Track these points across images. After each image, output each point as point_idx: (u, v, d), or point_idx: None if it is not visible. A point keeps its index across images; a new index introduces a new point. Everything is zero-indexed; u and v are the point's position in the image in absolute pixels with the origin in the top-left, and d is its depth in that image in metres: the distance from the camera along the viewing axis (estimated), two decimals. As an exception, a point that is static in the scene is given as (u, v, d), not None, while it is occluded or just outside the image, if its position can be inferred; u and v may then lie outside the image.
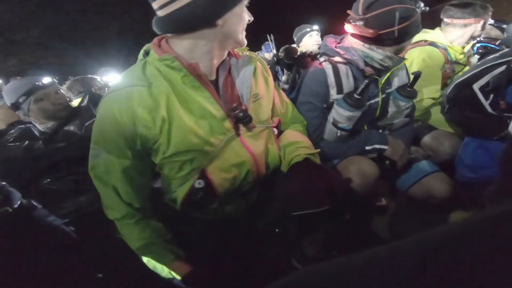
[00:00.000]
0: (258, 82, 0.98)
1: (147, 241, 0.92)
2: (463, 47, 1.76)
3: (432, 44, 1.71)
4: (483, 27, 1.70)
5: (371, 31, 1.09)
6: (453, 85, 1.45)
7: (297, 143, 1.04)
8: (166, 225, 0.99)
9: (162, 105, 0.81)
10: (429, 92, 1.64)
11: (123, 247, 0.95)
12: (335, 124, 1.16)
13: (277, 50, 2.20)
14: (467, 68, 1.74)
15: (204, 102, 0.85)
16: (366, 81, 1.08)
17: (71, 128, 1.49)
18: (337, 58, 1.18)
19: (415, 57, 1.66)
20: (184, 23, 0.80)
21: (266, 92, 1.00)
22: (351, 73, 1.17)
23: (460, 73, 1.71)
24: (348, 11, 1.17)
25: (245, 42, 0.89)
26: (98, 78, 2.75)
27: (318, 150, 1.05)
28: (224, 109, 0.88)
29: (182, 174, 0.91)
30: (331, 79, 1.16)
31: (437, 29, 1.79)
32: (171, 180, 0.94)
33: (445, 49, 1.71)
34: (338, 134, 1.18)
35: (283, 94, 1.14)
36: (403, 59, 1.23)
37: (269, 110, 1.01)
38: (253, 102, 0.94)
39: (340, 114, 1.13)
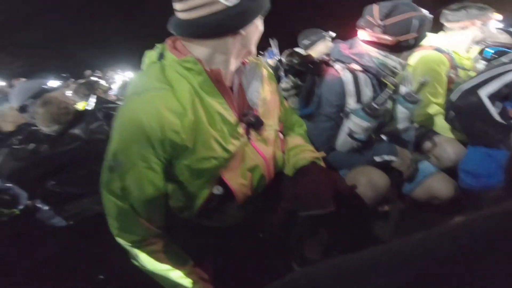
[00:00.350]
0: (265, 87, 0.98)
1: (169, 270, 0.84)
2: (468, 51, 1.74)
3: (437, 49, 1.67)
4: (483, 30, 1.66)
5: (390, 38, 1.07)
6: (459, 91, 1.41)
7: (301, 146, 1.05)
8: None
9: (188, 109, 0.77)
10: (433, 97, 1.62)
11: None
12: (351, 135, 1.14)
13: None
14: (472, 73, 1.71)
15: (220, 108, 0.83)
16: (389, 91, 1.06)
17: (76, 131, 1.46)
18: (354, 66, 1.15)
19: (420, 62, 1.63)
20: (210, 30, 0.77)
21: (272, 97, 1.00)
22: (369, 81, 1.14)
23: (466, 79, 1.69)
24: (368, 18, 1.13)
25: (255, 51, 0.90)
26: (103, 81, 2.74)
27: (323, 154, 1.06)
28: (237, 114, 0.87)
29: (201, 181, 0.88)
30: (350, 87, 1.13)
31: (441, 33, 1.77)
32: (188, 187, 0.90)
33: (450, 54, 1.68)
34: (354, 146, 1.16)
35: (283, 98, 1.13)
36: (406, 65, 1.21)
37: (276, 114, 1.02)
38: (262, 107, 0.94)
39: (357, 125, 1.11)
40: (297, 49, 2.81)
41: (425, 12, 1.09)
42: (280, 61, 2.17)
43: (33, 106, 1.43)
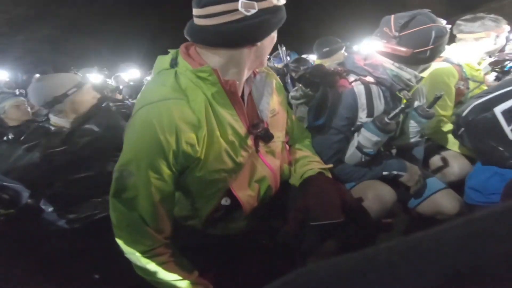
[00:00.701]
0: (274, 97, 0.95)
1: (174, 281, 0.81)
2: (479, 63, 1.69)
3: (446, 60, 1.62)
4: (496, 41, 1.61)
5: (405, 49, 1.02)
6: (471, 106, 1.33)
7: (308, 157, 1.02)
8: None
9: (202, 120, 0.75)
10: (441, 110, 1.57)
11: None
12: (360, 148, 1.09)
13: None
14: (483, 86, 1.66)
15: (231, 120, 0.81)
16: (402, 106, 1.01)
17: (91, 126, 1.41)
18: (368, 78, 1.10)
19: (428, 73, 1.57)
20: (228, 39, 0.73)
21: (281, 108, 0.98)
22: (382, 94, 1.09)
23: (476, 91, 1.64)
24: (385, 29, 1.08)
25: (266, 63, 0.90)
26: (110, 81, 2.72)
27: (331, 165, 1.03)
28: (247, 126, 0.86)
29: (209, 192, 0.86)
30: (362, 100, 1.08)
31: (452, 45, 1.71)
32: (196, 197, 0.88)
33: (460, 66, 1.63)
34: (363, 160, 1.11)
35: (290, 109, 1.09)
36: (421, 79, 1.16)
37: (284, 125, 1.00)
38: (271, 118, 0.92)
39: (367, 139, 1.06)
40: (304, 56, 2.75)
41: (444, 23, 1.04)
42: (286, 66, 2.12)
43: (71, 97, 1.36)
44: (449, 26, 1.07)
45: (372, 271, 0.20)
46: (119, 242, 0.79)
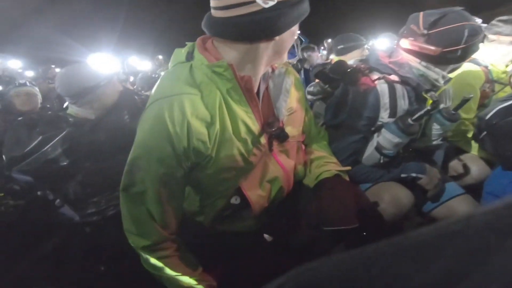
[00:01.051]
0: (292, 95, 0.90)
1: (178, 276, 0.81)
2: (507, 66, 1.60)
3: (473, 61, 1.53)
4: None
5: (433, 48, 0.95)
6: (495, 110, 1.26)
7: (324, 158, 0.98)
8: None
9: (215, 117, 0.72)
10: (464, 113, 1.49)
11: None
12: (379, 149, 1.04)
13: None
14: (507, 88, 1.57)
15: (245, 117, 0.77)
16: (428, 107, 0.96)
17: (117, 117, 1.38)
18: (393, 77, 1.03)
19: (454, 74, 1.50)
20: (244, 32, 0.69)
21: (298, 106, 0.93)
22: (406, 94, 1.03)
23: (501, 94, 1.55)
24: (412, 27, 1.01)
25: (286, 58, 0.83)
26: (120, 71, 2.67)
27: (349, 168, 0.98)
28: (261, 124, 0.81)
29: (219, 190, 0.84)
30: (385, 100, 1.02)
31: (480, 45, 1.63)
32: (205, 194, 0.87)
33: (487, 67, 1.54)
34: (381, 161, 1.06)
35: (308, 107, 1.04)
36: (449, 79, 1.09)
37: (301, 125, 0.95)
38: (287, 116, 0.88)
39: (388, 140, 1.01)
40: (315, 53, 2.65)
41: (478, 22, 0.97)
42: (300, 61, 2.06)
43: (102, 88, 1.32)
44: (484, 25, 0.99)
45: (375, 266, 0.20)
46: (127, 234, 0.80)
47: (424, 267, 0.18)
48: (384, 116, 1.03)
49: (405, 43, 1.02)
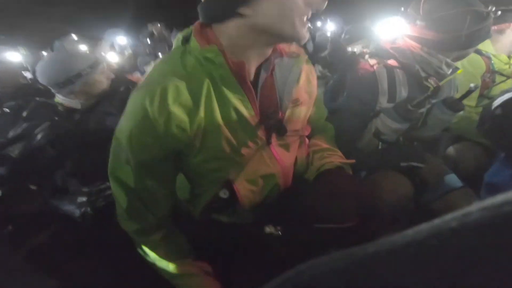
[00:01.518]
0: (301, 86, 0.82)
1: (169, 260, 0.79)
2: (510, 57, 1.55)
3: (476, 50, 1.51)
4: None
5: (433, 33, 0.91)
6: (502, 100, 1.20)
7: (328, 150, 0.92)
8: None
9: (200, 105, 0.67)
10: (465, 100, 1.46)
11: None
12: (377, 135, 1.01)
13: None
14: (510, 80, 1.53)
15: (240, 106, 0.71)
16: (428, 93, 0.92)
17: (107, 109, 1.31)
18: (392, 62, 0.99)
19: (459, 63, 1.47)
20: (212, 12, 0.65)
21: (307, 98, 0.85)
22: (406, 80, 0.99)
23: (503, 85, 1.51)
24: (413, 11, 0.97)
25: (303, 36, 0.65)
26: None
27: (353, 161, 0.92)
28: (259, 115, 0.74)
29: (207, 180, 0.80)
30: (383, 85, 0.98)
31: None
32: (194, 184, 0.83)
33: (489, 57, 1.50)
34: (379, 147, 1.03)
35: (320, 99, 0.98)
36: (457, 68, 1.05)
37: (306, 118, 0.88)
38: (292, 108, 0.80)
39: (387, 126, 0.98)
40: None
41: (487, 8, 0.92)
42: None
43: (85, 77, 1.23)
44: (498, 12, 0.94)
45: (374, 265, 0.20)
46: (119, 219, 0.78)
47: (421, 266, 0.18)
48: (383, 101, 1.00)
49: (407, 28, 0.98)
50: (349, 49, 1.42)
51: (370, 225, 0.82)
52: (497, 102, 1.21)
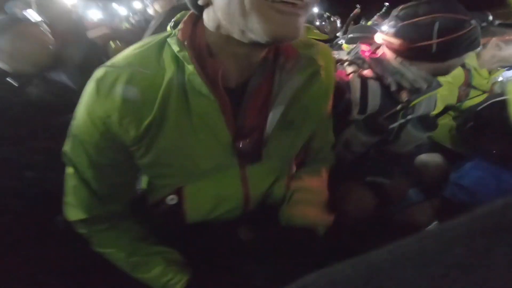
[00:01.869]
0: (303, 103, 0.66)
1: (128, 250, 0.69)
2: (490, 73, 1.55)
3: None
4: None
5: (399, 42, 0.86)
6: (489, 102, 1.27)
7: (311, 191, 0.78)
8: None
9: (154, 103, 0.57)
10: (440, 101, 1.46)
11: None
12: (346, 146, 0.98)
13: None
14: (484, 95, 1.54)
15: (208, 115, 0.59)
16: (398, 107, 0.89)
17: (61, 77, 1.17)
18: (367, 72, 0.94)
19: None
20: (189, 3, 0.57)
21: (304, 120, 0.69)
22: (379, 92, 0.94)
23: (477, 99, 1.52)
24: (386, 20, 0.93)
25: (281, 32, 0.48)
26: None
27: (331, 218, 0.80)
28: (233, 131, 0.62)
29: (156, 182, 0.72)
30: (355, 95, 0.93)
31: None
32: (148, 180, 0.75)
33: (469, 70, 1.50)
34: (348, 158, 1.01)
35: (329, 121, 0.83)
36: (439, 85, 1.00)
37: (299, 145, 0.74)
38: (282, 131, 0.65)
39: (356, 137, 0.95)
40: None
41: (463, 15, 0.83)
42: None
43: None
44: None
45: (375, 276, 0.20)
46: (65, 206, 0.69)
47: (425, 274, 0.18)
48: (354, 112, 0.96)
49: (378, 36, 0.94)
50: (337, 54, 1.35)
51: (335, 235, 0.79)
52: (484, 104, 1.29)
